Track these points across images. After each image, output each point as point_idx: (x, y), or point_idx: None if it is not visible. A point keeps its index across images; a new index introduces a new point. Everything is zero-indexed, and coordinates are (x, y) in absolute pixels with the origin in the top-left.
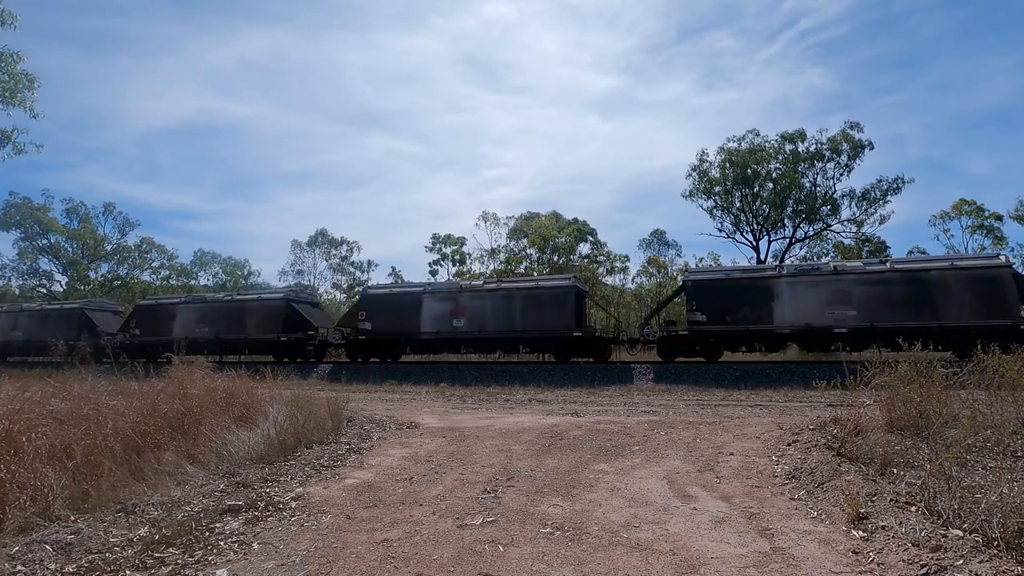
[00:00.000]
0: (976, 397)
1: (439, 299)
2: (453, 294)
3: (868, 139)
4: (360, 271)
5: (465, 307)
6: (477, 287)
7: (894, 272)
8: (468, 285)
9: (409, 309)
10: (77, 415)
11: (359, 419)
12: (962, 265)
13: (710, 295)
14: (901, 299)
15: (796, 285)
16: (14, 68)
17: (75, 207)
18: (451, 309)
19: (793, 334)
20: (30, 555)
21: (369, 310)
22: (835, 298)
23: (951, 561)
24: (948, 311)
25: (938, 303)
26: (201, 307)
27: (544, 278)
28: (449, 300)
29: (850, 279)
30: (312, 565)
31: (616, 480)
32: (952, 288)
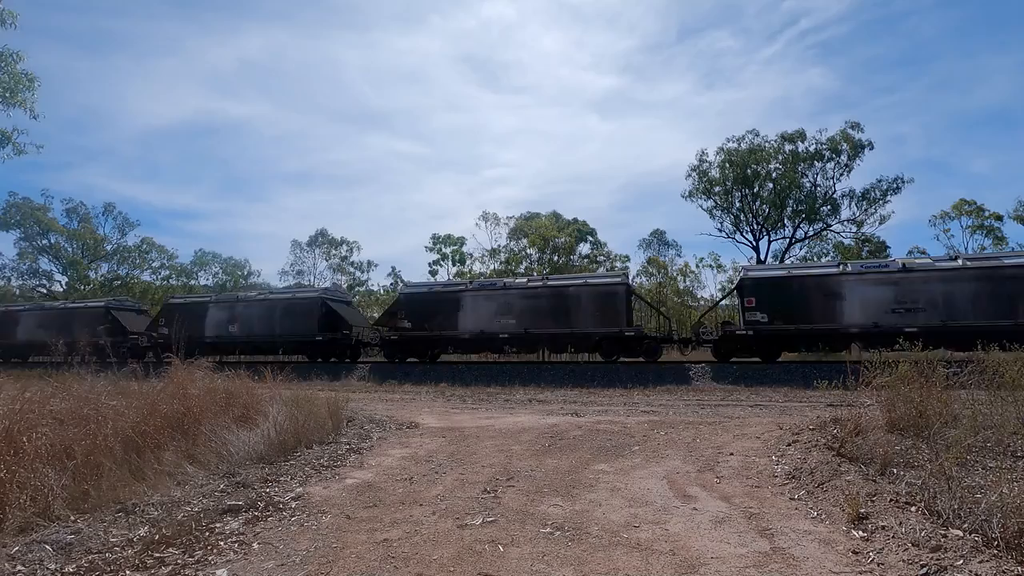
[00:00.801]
0: (976, 397)
1: (482, 297)
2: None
3: (868, 139)
4: (360, 271)
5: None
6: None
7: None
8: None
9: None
10: (77, 415)
11: (359, 419)
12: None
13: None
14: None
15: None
16: (14, 68)
17: (75, 207)
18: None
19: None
20: (30, 555)
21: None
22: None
23: (951, 561)
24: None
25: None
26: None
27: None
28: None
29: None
30: (312, 565)
31: (616, 480)
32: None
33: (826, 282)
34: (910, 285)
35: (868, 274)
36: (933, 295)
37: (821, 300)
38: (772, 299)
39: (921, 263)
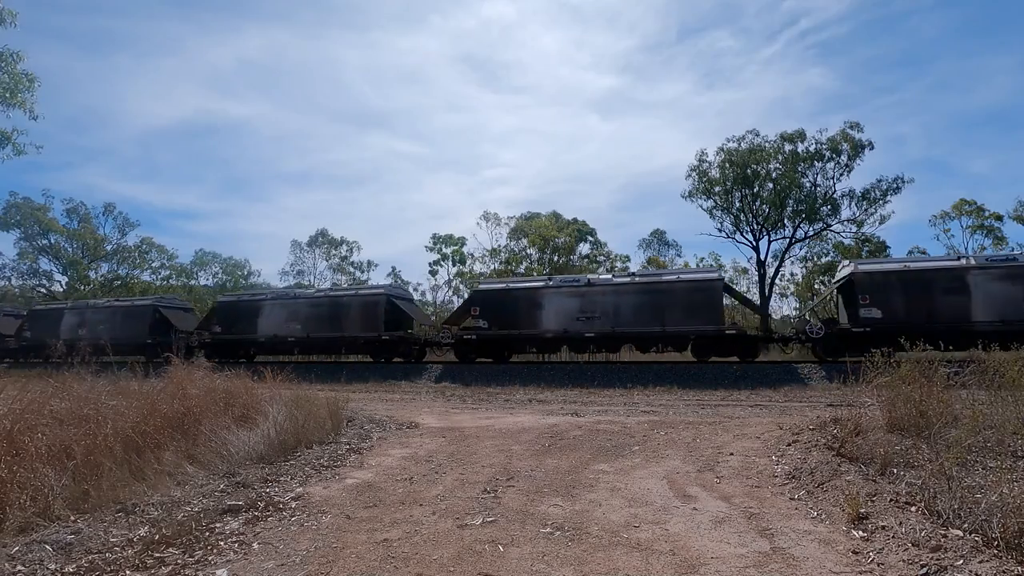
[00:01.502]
0: (976, 397)
1: (563, 295)
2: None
3: (868, 139)
4: (360, 271)
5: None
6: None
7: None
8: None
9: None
10: (77, 415)
11: (359, 419)
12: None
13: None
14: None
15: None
16: (14, 68)
17: (75, 207)
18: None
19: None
20: (30, 555)
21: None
22: None
23: (951, 561)
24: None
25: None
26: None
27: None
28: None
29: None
30: (312, 565)
31: (616, 480)
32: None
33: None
34: None
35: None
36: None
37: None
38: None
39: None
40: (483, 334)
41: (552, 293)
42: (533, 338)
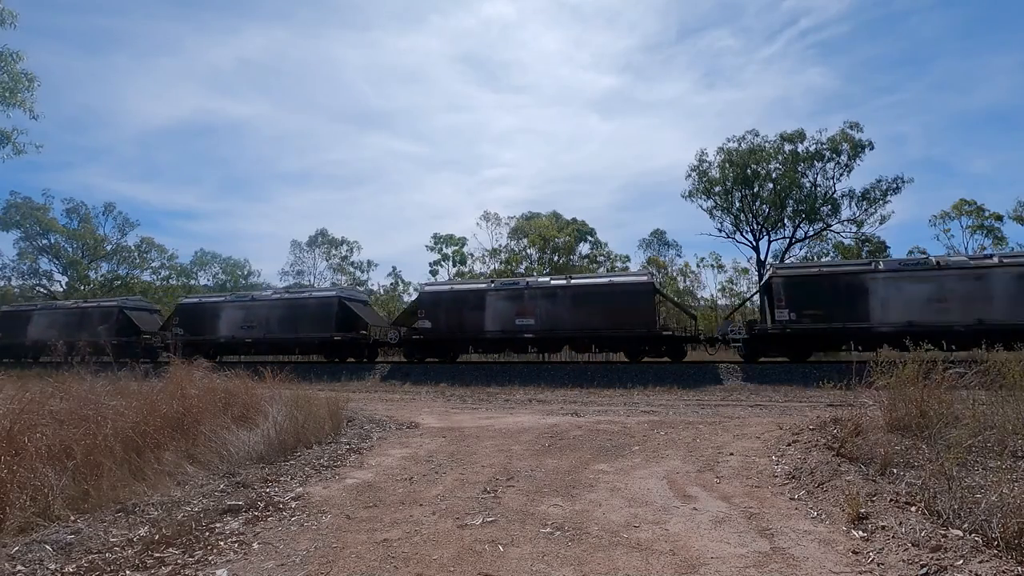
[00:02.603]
0: (977, 398)
1: (504, 297)
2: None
3: (868, 139)
4: (360, 271)
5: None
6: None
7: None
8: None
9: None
10: (77, 415)
11: (359, 419)
12: None
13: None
14: None
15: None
16: (14, 68)
17: (75, 207)
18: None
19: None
20: (30, 555)
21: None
22: None
23: (951, 561)
24: None
25: None
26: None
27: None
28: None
29: None
30: (312, 565)
31: (616, 480)
32: None
33: None
34: None
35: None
36: None
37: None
38: None
39: None
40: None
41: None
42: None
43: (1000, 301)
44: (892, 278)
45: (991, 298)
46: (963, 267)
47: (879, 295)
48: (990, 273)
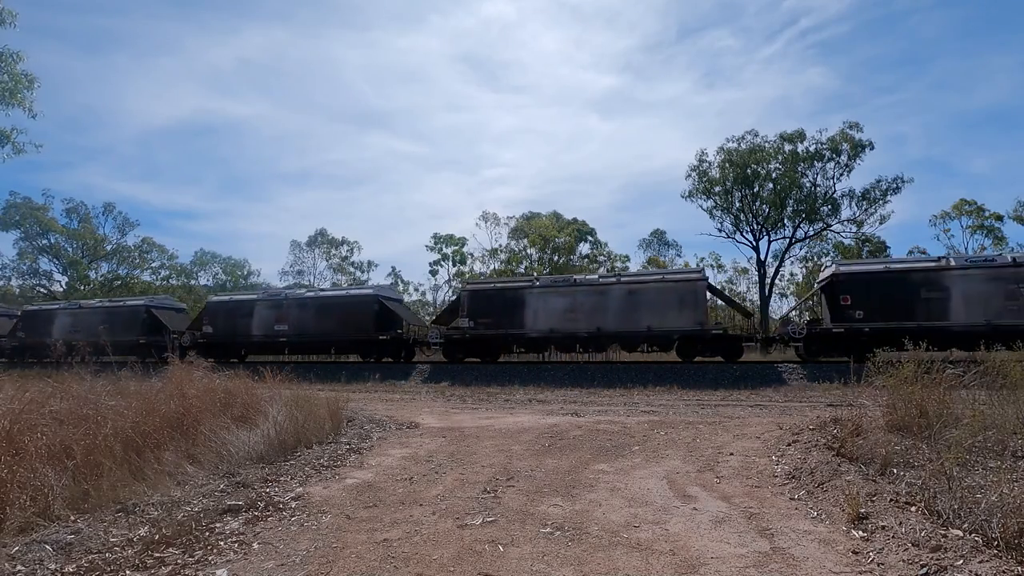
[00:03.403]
0: (977, 398)
1: (550, 294)
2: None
3: (868, 139)
4: (360, 271)
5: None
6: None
7: None
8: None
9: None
10: (77, 415)
11: (359, 419)
12: None
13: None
14: None
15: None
16: (14, 68)
17: (75, 207)
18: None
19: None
20: (30, 555)
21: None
22: None
23: (951, 561)
24: None
25: None
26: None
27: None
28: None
29: None
30: (312, 565)
31: (616, 480)
32: None
33: None
34: None
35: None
36: None
37: None
38: None
39: None
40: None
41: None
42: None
43: None
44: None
45: None
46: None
47: None
48: None
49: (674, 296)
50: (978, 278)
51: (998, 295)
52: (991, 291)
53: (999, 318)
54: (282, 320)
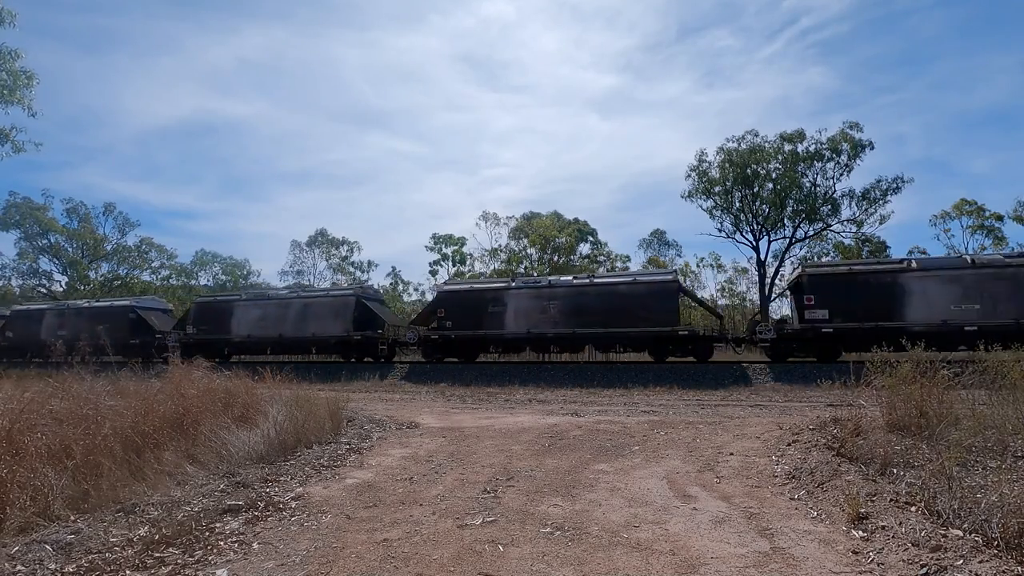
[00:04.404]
0: (977, 397)
1: (526, 296)
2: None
3: (868, 139)
4: (360, 271)
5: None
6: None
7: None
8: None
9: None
10: (77, 415)
11: (359, 419)
12: None
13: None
14: None
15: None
16: (12, 66)
17: (75, 207)
18: (540, 306)
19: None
20: (30, 555)
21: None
22: None
23: (951, 561)
24: None
25: None
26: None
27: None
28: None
29: None
30: (312, 565)
31: (616, 480)
32: None
33: None
34: None
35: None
36: None
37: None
38: None
39: None
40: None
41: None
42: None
43: None
44: None
45: None
46: None
47: None
48: None
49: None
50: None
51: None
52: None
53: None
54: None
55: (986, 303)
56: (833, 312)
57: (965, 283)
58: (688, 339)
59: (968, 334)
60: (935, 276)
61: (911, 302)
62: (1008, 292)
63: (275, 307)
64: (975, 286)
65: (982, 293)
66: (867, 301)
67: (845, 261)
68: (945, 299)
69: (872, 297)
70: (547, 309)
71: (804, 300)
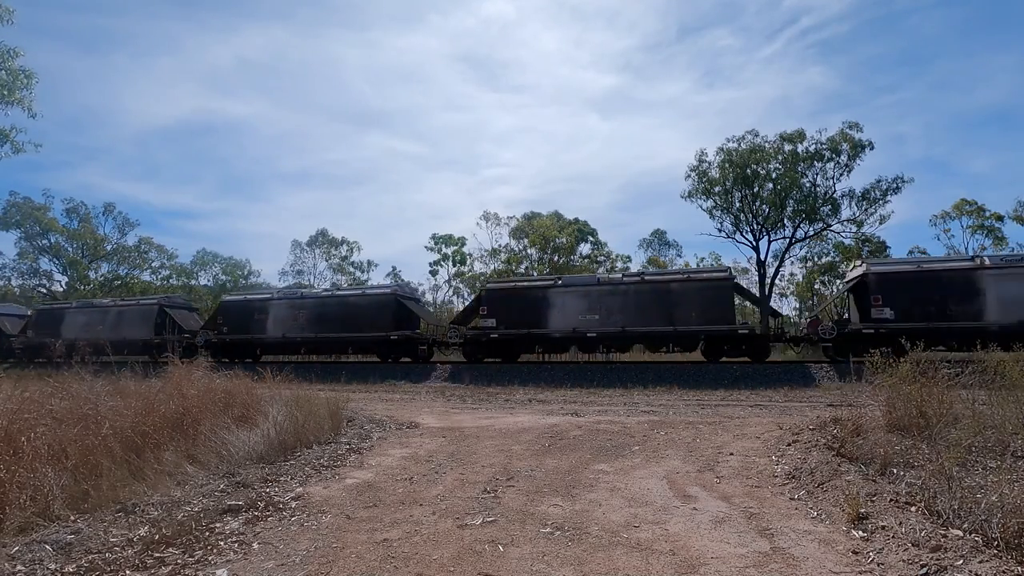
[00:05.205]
0: (976, 397)
1: (572, 294)
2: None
3: (868, 139)
4: (360, 271)
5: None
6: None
7: None
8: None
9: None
10: (76, 415)
11: (359, 419)
12: None
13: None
14: None
15: None
16: (11, 64)
17: (75, 207)
18: (586, 305)
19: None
20: (30, 555)
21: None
22: None
23: (951, 561)
24: None
25: None
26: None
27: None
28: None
29: None
30: (312, 565)
31: (616, 480)
32: None
33: None
34: None
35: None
36: None
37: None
38: None
39: None
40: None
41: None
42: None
43: None
44: None
45: None
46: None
47: None
48: None
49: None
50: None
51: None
52: None
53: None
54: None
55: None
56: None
57: None
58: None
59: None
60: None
61: (987, 301)
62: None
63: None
64: None
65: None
66: (938, 300)
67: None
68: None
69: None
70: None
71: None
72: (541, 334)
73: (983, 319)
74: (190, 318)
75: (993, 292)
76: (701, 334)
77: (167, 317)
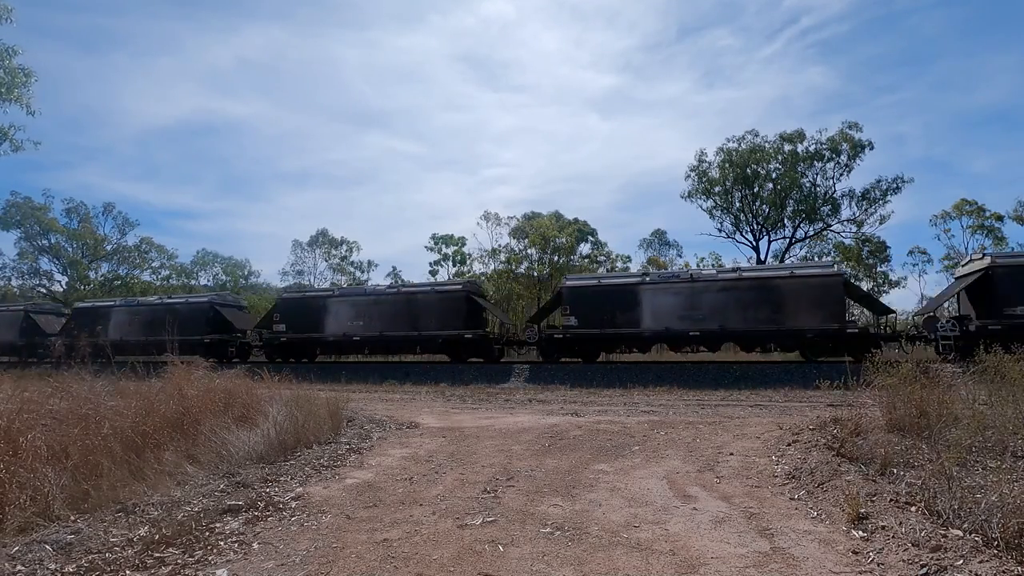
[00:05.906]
0: (976, 397)
1: (664, 292)
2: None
3: (868, 139)
4: (360, 271)
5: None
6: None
7: None
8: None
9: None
10: (77, 415)
11: (359, 419)
12: None
13: None
14: None
15: None
16: (10, 63)
17: (75, 207)
18: (680, 303)
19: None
20: (30, 555)
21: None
22: None
23: (951, 561)
24: None
25: None
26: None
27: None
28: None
29: None
30: (312, 565)
31: (616, 480)
32: None
33: None
34: None
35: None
36: None
37: None
38: None
39: None
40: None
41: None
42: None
43: None
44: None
45: None
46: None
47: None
48: None
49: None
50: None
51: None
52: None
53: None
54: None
55: None
56: None
57: None
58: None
59: None
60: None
61: None
62: None
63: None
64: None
65: None
66: None
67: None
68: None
69: None
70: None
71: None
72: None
73: None
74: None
75: None
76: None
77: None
